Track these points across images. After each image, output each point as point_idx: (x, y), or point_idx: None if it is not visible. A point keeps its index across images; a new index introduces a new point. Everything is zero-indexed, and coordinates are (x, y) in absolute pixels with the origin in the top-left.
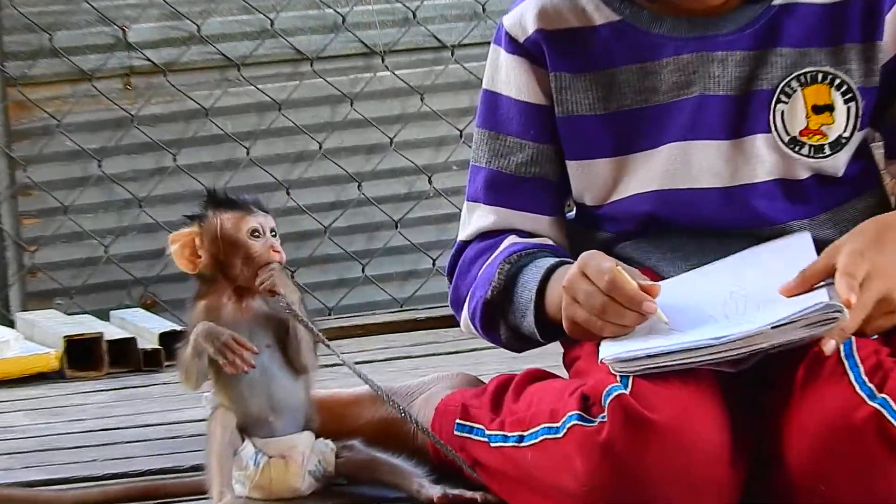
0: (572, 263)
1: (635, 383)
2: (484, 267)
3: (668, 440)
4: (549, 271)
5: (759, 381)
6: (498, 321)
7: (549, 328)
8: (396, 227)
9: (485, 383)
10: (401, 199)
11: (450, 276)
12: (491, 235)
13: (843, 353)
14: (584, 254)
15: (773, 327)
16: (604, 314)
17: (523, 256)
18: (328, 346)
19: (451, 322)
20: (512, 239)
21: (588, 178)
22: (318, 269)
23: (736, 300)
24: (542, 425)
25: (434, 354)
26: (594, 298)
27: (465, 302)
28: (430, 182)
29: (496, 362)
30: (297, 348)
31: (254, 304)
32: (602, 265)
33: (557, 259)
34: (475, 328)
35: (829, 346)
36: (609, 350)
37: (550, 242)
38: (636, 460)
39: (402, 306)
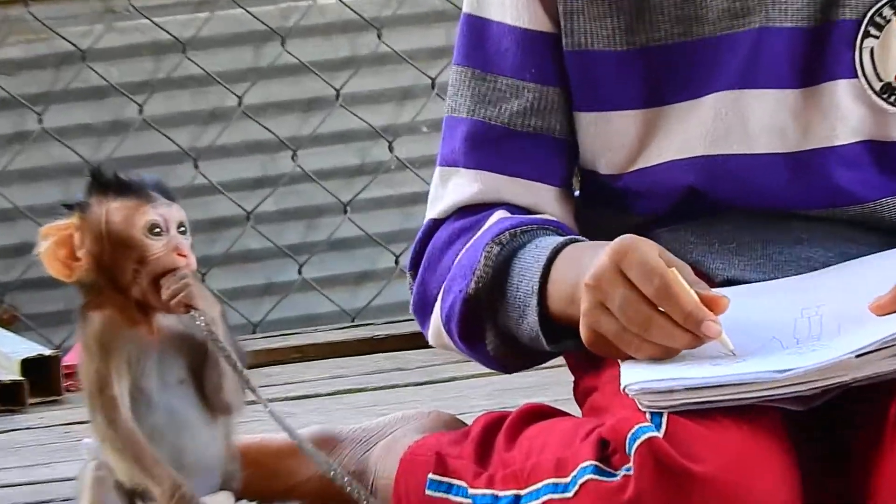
0: (587, 242)
1: (671, 423)
2: (464, 252)
3: (716, 500)
4: (556, 252)
5: (837, 419)
6: (484, 325)
7: (556, 332)
8: (345, 211)
9: (467, 424)
10: (351, 174)
11: (414, 268)
12: (472, 211)
13: None
14: (619, 239)
15: (857, 355)
16: (646, 331)
17: (518, 235)
18: (244, 379)
19: (421, 342)
20: (502, 214)
21: (605, 138)
22: (238, 271)
23: (810, 320)
24: (546, 481)
25: (398, 386)
26: (634, 308)
27: (435, 302)
28: (390, 149)
29: (483, 396)
30: (219, 383)
31: (164, 323)
32: (648, 260)
33: (566, 237)
34: (451, 338)
35: None
36: (636, 375)
37: (554, 219)
38: None
39: (353, 320)
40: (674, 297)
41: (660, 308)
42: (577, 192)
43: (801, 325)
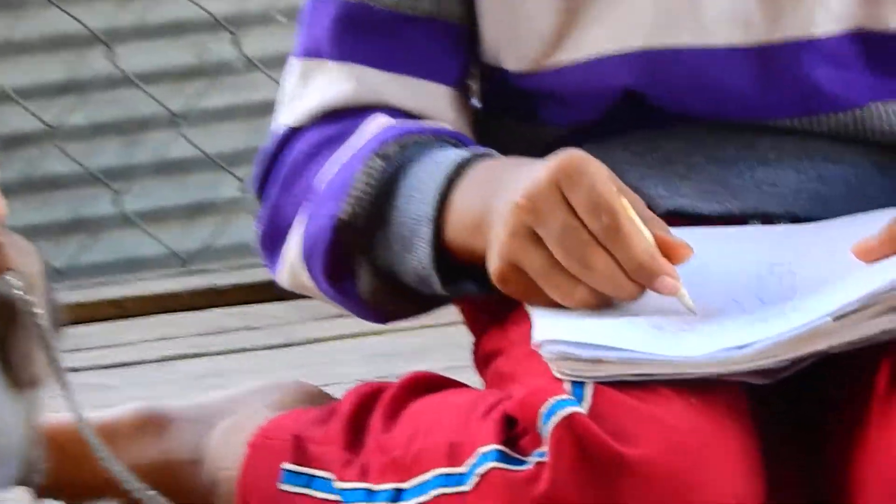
0: (502, 158)
1: (598, 395)
2: (333, 167)
3: (656, 492)
4: (459, 168)
5: (809, 391)
6: (357, 260)
7: (452, 271)
8: (176, 124)
9: (336, 399)
10: (184, 76)
11: (261, 189)
12: (343, 116)
13: None
14: (564, 154)
15: (836, 318)
16: (585, 272)
17: (408, 146)
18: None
19: (276, 292)
20: (383, 120)
21: (513, 22)
22: (38, 201)
23: (780, 278)
24: (437, 472)
25: (246, 349)
26: (576, 242)
27: (292, 232)
28: (235, 45)
29: (355, 362)
30: (29, 352)
31: None
32: (598, 186)
33: (472, 150)
34: (312, 277)
35: None
36: (554, 329)
37: (449, 128)
38: None
39: (185, 264)
40: (625, 240)
41: (610, 249)
42: (475, 101)
43: (770, 284)
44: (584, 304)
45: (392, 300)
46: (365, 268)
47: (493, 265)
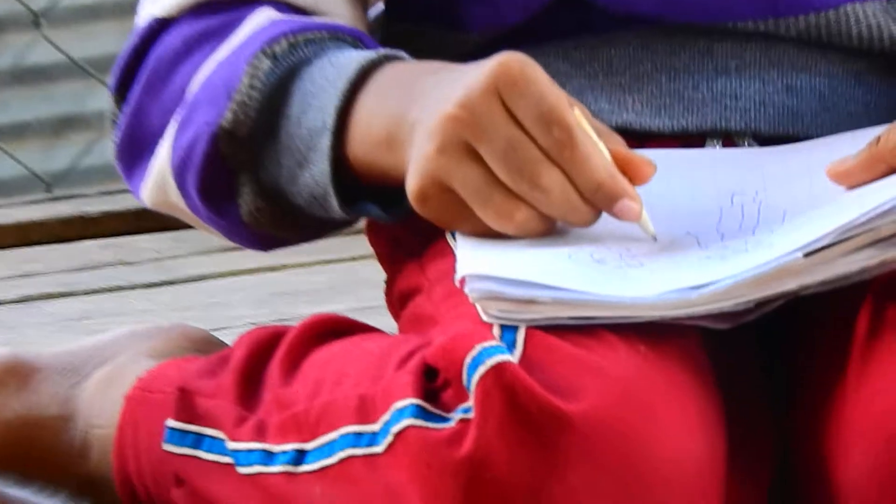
0: (416, 62)
1: (531, 341)
2: (211, 66)
3: (599, 454)
4: (364, 71)
5: (781, 338)
6: (238, 176)
7: (354, 191)
8: (37, 24)
9: (227, 345)
10: None
11: (121, 90)
12: (220, 8)
13: None
14: (503, 57)
15: (806, 254)
16: (532, 192)
17: (301, 44)
18: None
19: (156, 222)
20: (270, 13)
21: None
22: None
23: (742, 208)
24: (345, 430)
25: (122, 288)
26: (523, 156)
27: (159, 140)
28: None
29: (249, 302)
30: None
31: None
32: (548, 94)
33: (378, 52)
34: (183, 194)
35: None
36: (481, 261)
37: (347, 26)
38: (535, 494)
39: (50, 189)
40: (581, 157)
41: (563, 165)
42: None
43: (731, 215)
44: (526, 228)
45: (277, 223)
46: (247, 185)
47: (414, 183)
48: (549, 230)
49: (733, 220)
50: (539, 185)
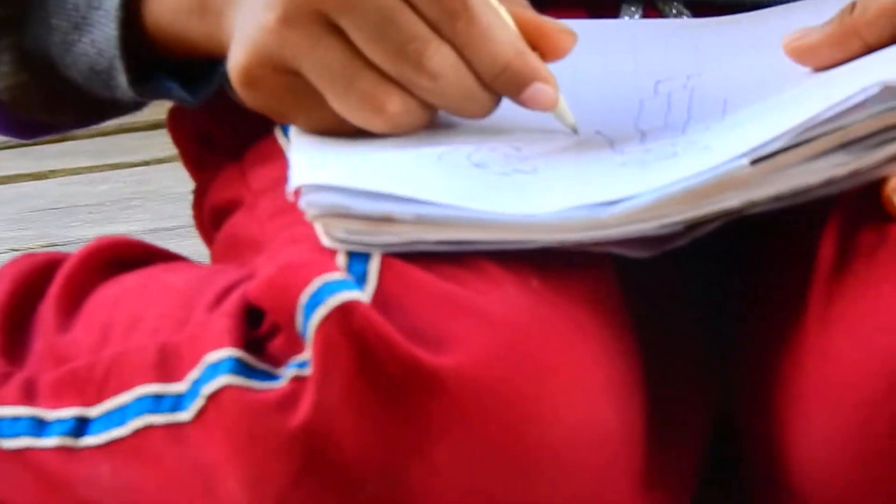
0: None
1: (388, 273)
2: None
3: (475, 420)
4: None
5: (721, 269)
6: None
7: (148, 67)
8: None
9: None
10: None
11: None
12: None
13: None
14: None
15: (754, 161)
16: (421, 77)
17: None
18: None
19: None
20: None
21: None
22: None
23: (669, 98)
24: (141, 390)
25: None
26: (404, 33)
27: None
28: None
29: (8, 220)
30: None
31: None
32: None
33: None
34: None
35: None
36: (323, 167)
37: None
38: (391, 475)
39: None
40: (479, 31)
41: (455, 40)
42: None
43: (654, 108)
44: (399, 122)
45: (44, 104)
46: (5, 52)
47: (242, 61)
48: (427, 124)
49: (657, 115)
50: (426, 68)
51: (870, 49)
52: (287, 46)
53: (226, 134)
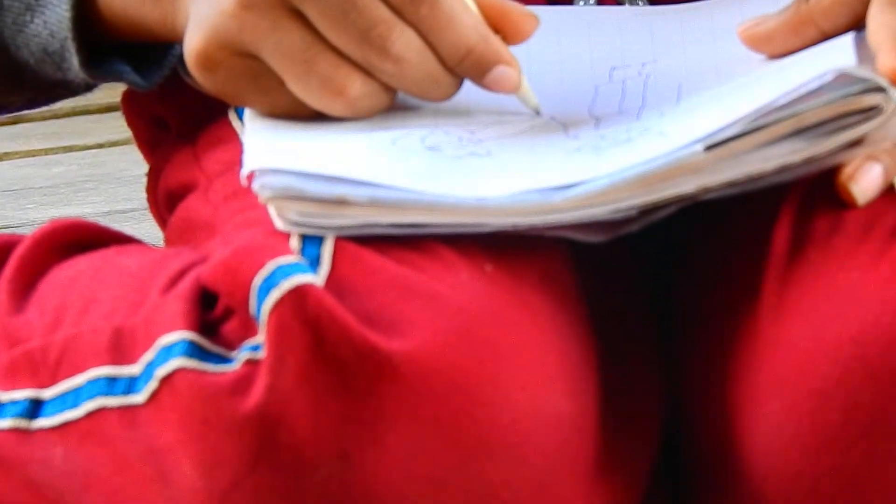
0: None
1: (342, 257)
2: None
3: (428, 406)
4: None
5: (673, 257)
6: None
7: (100, 47)
8: None
9: None
10: None
11: None
12: None
13: None
14: None
15: (708, 147)
16: (384, 62)
17: None
18: None
19: None
20: None
21: None
22: None
23: (624, 85)
24: (94, 372)
25: None
26: (368, 17)
27: None
28: None
29: None
30: None
31: None
32: None
33: None
34: None
35: (865, 179)
36: (277, 151)
37: None
38: (345, 461)
39: None
40: (443, 15)
41: (419, 25)
42: None
43: (608, 94)
44: (360, 106)
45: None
46: None
47: (199, 44)
48: (387, 108)
49: (611, 101)
50: (389, 52)
51: (825, 36)
52: (246, 30)
53: (179, 117)
